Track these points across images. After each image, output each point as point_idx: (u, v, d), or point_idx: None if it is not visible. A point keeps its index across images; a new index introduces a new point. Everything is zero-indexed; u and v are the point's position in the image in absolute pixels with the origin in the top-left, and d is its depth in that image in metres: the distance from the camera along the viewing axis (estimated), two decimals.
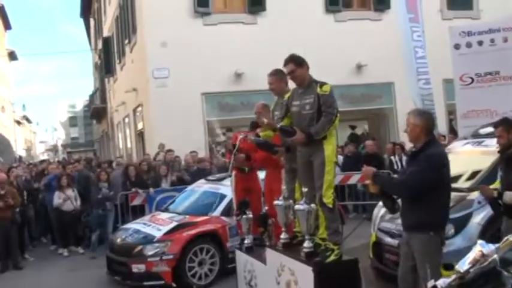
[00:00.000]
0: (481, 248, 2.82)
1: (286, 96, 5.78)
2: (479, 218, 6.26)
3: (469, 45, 11.19)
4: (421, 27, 12.02)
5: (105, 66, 25.41)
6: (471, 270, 2.80)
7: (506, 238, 2.94)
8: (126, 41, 19.49)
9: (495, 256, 2.79)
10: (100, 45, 28.72)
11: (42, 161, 19.17)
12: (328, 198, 5.22)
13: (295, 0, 16.19)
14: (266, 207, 7.09)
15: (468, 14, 17.93)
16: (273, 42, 15.66)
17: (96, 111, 33.09)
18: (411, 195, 4.63)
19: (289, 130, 5.43)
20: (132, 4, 17.75)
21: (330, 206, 5.24)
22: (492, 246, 2.84)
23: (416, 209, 4.61)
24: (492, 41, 11.06)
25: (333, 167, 5.35)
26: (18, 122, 50.92)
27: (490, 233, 5.96)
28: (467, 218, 6.29)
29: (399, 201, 4.87)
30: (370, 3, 17.63)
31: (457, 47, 11.26)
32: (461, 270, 2.82)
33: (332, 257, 5.13)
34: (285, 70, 5.62)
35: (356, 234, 7.09)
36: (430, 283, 2.91)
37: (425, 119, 4.77)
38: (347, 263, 5.28)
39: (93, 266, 9.90)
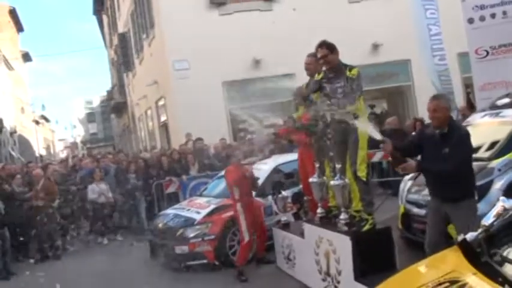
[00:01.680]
0: (503, 203, 3.33)
1: (319, 76, 6.22)
2: (500, 184, 6.67)
3: (482, 18, 11.45)
4: (434, 4, 12.31)
5: (123, 62, 25.93)
6: (495, 223, 3.30)
7: None
8: (144, 36, 20.01)
9: None
10: (116, 41, 29.26)
11: (73, 157, 19.81)
12: (362, 171, 5.75)
13: None
14: (301, 185, 7.63)
15: None
16: (289, 28, 16.15)
17: (116, 106, 33.71)
18: (457, 172, 5.09)
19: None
20: None
21: (364, 179, 5.77)
22: None
23: (460, 182, 5.09)
24: (504, 13, 11.27)
25: (365, 143, 5.86)
26: (37, 122, 51.86)
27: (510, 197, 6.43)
28: (489, 185, 6.72)
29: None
30: None
31: (470, 21, 11.53)
32: (487, 224, 3.33)
33: (367, 226, 5.68)
34: (318, 54, 6.08)
35: (382, 208, 7.59)
36: (460, 237, 3.42)
37: (447, 101, 5.24)
38: (381, 231, 5.82)
39: (135, 251, 10.54)
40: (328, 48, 5.95)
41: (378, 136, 5.13)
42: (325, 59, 5.98)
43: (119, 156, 14.43)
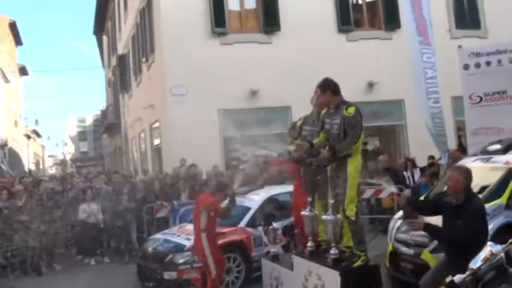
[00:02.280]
0: (490, 248, 3.47)
1: (323, 112, 6.37)
2: (489, 228, 6.81)
3: (477, 65, 11.79)
4: (431, 50, 12.64)
5: (121, 83, 26.15)
6: (482, 267, 3.44)
7: (511, 240, 3.60)
8: (144, 59, 20.23)
9: (502, 255, 3.43)
10: (114, 62, 29.51)
11: (65, 175, 19.79)
12: (351, 211, 5.87)
13: (308, 21, 16.84)
14: (292, 218, 7.73)
15: (476, 33, 18.59)
16: (287, 61, 16.46)
17: (110, 126, 33.79)
18: (460, 244, 4.94)
19: (313, 153, 6.06)
20: (151, 24, 18.50)
21: (353, 218, 5.89)
22: (499, 247, 3.49)
23: (470, 253, 5.13)
24: (499, 61, 11.64)
25: (355, 182, 5.97)
26: (29, 136, 51.78)
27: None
28: None
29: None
30: (381, 23, 18.31)
31: (466, 67, 11.87)
32: (474, 267, 3.47)
33: (359, 262, 5.78)
34: (321, 97, 6.21)
35: (370, 246, 7.69)
36: (448, 278, 3.55)
37: (467, 175, 5.24)
38: (370, 269, 5.93)
39: (122, 273, 10.53)
40: (332, 91, 6.04)
41: (392, 188, 5.30)
42: (327, 103, 6.11)
43: (114, 177, 14.44)
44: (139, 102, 21.34)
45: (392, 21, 18.01)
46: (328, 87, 6.17)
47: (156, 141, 19.63)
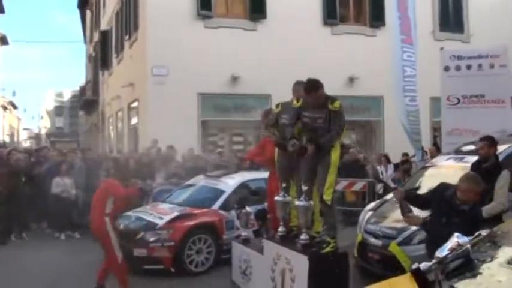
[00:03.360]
0: (457, 239, 3.57)
1: (299, 104, 6.41)
2: None
3: (458, 68, 11.96)
4: (413, 49, 12.80)
5: (101, 59, 25.87)
6: (448, 256, 3.54)
7: (478, 233, 3.70)
8: (126, 37, 20.04)
9: (468, 246, 3.53)
10: (96, 38, 29.16)
11: (41, 148, 19.55)
12: (328, 196, 5.99)
13: (295, 11, 16.92)
14: (266, 203, 7.79)
15: (459, 37, 18.95)
16: (271, 50, 16.50)
17: (87, 102, 33.45)
18: None
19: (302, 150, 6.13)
20: (136, 1, 18.34)
21: (329, 203, 6.00)
22: (466, 238, 3.59)
23: None
24: (480, 66, 11.81)
25: (335, 170, 6.10)
26: (5, 108, 51.00)
27: None
28: None
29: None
30: (366, 19, 18.49)
31: (446, 69, 12.03)
32: (440, 256, 3.56)
33: (328, 249, 5.88)
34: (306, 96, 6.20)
35: (340, 236, 7.79)
36: (415, 265, 3.64)
37: (480, 184, 5.25)
38: (339, 256, 6.01)
39: (92, 249, 10.44)
40: (317, 90, 6.05)
41: (391, 184, 5.36)
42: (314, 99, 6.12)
43: (88, 154, 14.30)
44: (119, 80, 21.16)
45: (377, 19, 18.18)
46: (320, 85, 6.18)
47: (134, 121, 19.51)
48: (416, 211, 5.63)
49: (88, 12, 35.30)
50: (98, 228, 7.46)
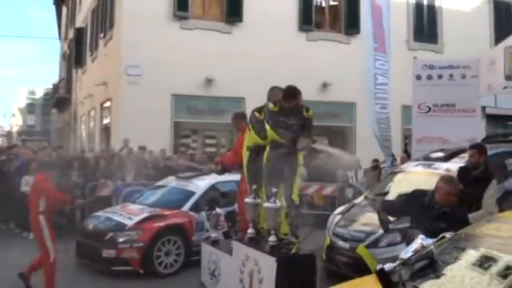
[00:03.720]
0: (421, 241, 3.63)
1: (276, 108, 6.42)
2: None
3: (429, 77, 12.14)
4: (386, 57, 12.98)
5: (75, 57, 25.58)
6: (412, 257, 3.59)
7: (441, 235, 3.77)
8: (101, 35, 19.88)
9: (432, 248, 3.60)
10: (71, 35, 28.85)
11: (12, 146, 19.21)
12: (296, 197, 6.20)
13: (271, 16, 17.01)
14: (236, 205, 7.79)
15: (432, 47, 19.29)
16: (246, 53, 16.55)
17: (60, 100, 32.98)
18: None
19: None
20: None
21: (297, 203, 6.24)
22: (430, 240, 3.66)
23: None
24: (451, 76, 12.00)
25: (300, 172, 6.34)
26: None
27: None
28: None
29: None
30: (341, 27, 18.71)
31: (418, 77, 12.20)
32: (405, 257, 3.61)
33: (294, 250, 5.92)
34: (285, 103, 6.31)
35: (308, 240, 7.85)
36: (379, 266, 3.68)
37: (456, 185, 5.42)
38: (306, 257, 6.05)
39: (60, 250, 10.27)
40: (296, 97, 6.20)
41: (361, 189, 5.41)
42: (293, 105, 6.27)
43: (59, 152, 14.10)
44: (92, 79, 20.95)
45: (352, 27, 18.40)
46: (299, 93, 6.30)
47: (106, 121, 19.35)
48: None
49: (64, 9, 34.86)
50: (34, 224, 7.45)
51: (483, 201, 6.45)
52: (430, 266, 3.57)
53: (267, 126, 6.36)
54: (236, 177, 8.42)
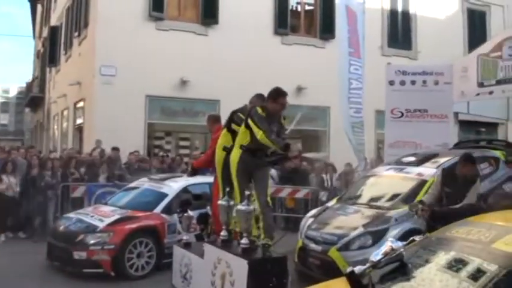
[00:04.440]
0: (391, 243, 3.64)
1: (264, 113, 6.48)
2: (395, 232, 7.17)
3: (402, 83, 12.25)
4: (360, 62, 13.07)
5: (49, 56, 25.21)
6: (382, 260, 3.60)
7: (411, 238, 3.79)
8: (76, 34, 19.64)
9: (402, 251, 3.61)
10: (45, 33, 28.47)
11: None
12: (268, 197, 6.47)
13: (246, 19, 16.98)
14: (208, 207, 7.75)
15: (407, 53, 19.52)
16: (221, 55, 16.48)
17: (33, 99, 32.49)
18: None
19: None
20: None
21: (269, 204, 6.45)
22: (400, 243, 3.67)
23: None
24: (424, 82, 12.11)
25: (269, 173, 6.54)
26: None
27: None
28: (385, 231, 7.21)
29: None
30: (316, 31, 18.77)
31: (391, 83, 12.30)
32: (374, 260, 3.62)
33: (267, 252, 5.91)
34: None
35: (281, 243, 7.87)
36: (349, 269, 3.69)
37: None
38: (278, 260, 6.03)
39: (32, 251, 10.08)
40: (285, 96, 6.54)
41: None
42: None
43: (30, 152, 13.86)
44: (66, 78, 20.65)
45: (327, 31, 18.49)
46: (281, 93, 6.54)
47: (79, 121, 19.09)
48: None
49: (39, 7, 34.35)
50: None
51: (467, 195, 6.53)
52: (400, 268, 3.59)
53: (259, 130, 6.33)
54: (209, 179, 8.40)
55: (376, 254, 3.61)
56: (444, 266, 3.52)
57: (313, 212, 8.93)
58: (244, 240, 6.11)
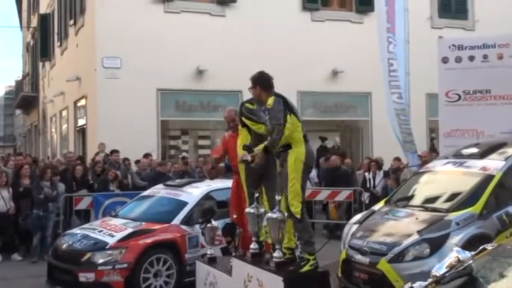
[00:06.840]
0: (457, 254, 3.56)
1: (254, 106, 6.81)
2: (457, 239, 7.03)
3: (458, 59, 11.95)
4: (398, 39, 12.78)
5: (41, 49, 25.55)
6: (447, 274, 3.52)
7: (482, 247, 3.70)
8: (71, 22, 19.85)
9: (471, 262, 3.52)
10: (35, 23, 28.81)
11: None
12: (296, 207, 6.09)
13: None
14: (234, 216, 7.73)
15: (462, 24, 19.12)
16: (242, 39, 16.49)
17: (25, 100, 32.96)
18: None
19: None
20: None
21: (298, 216, 6.09)
22: (468, 254, 3.58)
23: None
24: (485, 57, 11.78)
25: (298, 175, 6.18)
26: None
27: None
28: (444, 238, 7.08)
29: None
30: (352, 4, 18.62)
31: (445, 60, 12.03)
32: (438, 274, 3.54)
33: (307, 267, 5.87)
34: (252, 90, 6.72)
35: (322, 254, 7.81)
36: (407, 285, 3.61)
37: None
38: (318, 275, 6.01)
39: (30, 274, 10.19)
40: (262, 86, 6.61)
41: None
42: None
43: (17, 160, 14.02)
44: (63, 74, 20.93)
45: (365, 3, 18.22)
46: (257, 82, 6.60)
47: (81, 122, 19.31)
48: None
49: None
50: None
51: None
52: (468, 284, 3.50)
53: (259, 125, 6.42)
54: None
55: (439, 267, 3.53)
56: None
57: (357, 217, 8.81)
58: (277, 253, 6.10)
